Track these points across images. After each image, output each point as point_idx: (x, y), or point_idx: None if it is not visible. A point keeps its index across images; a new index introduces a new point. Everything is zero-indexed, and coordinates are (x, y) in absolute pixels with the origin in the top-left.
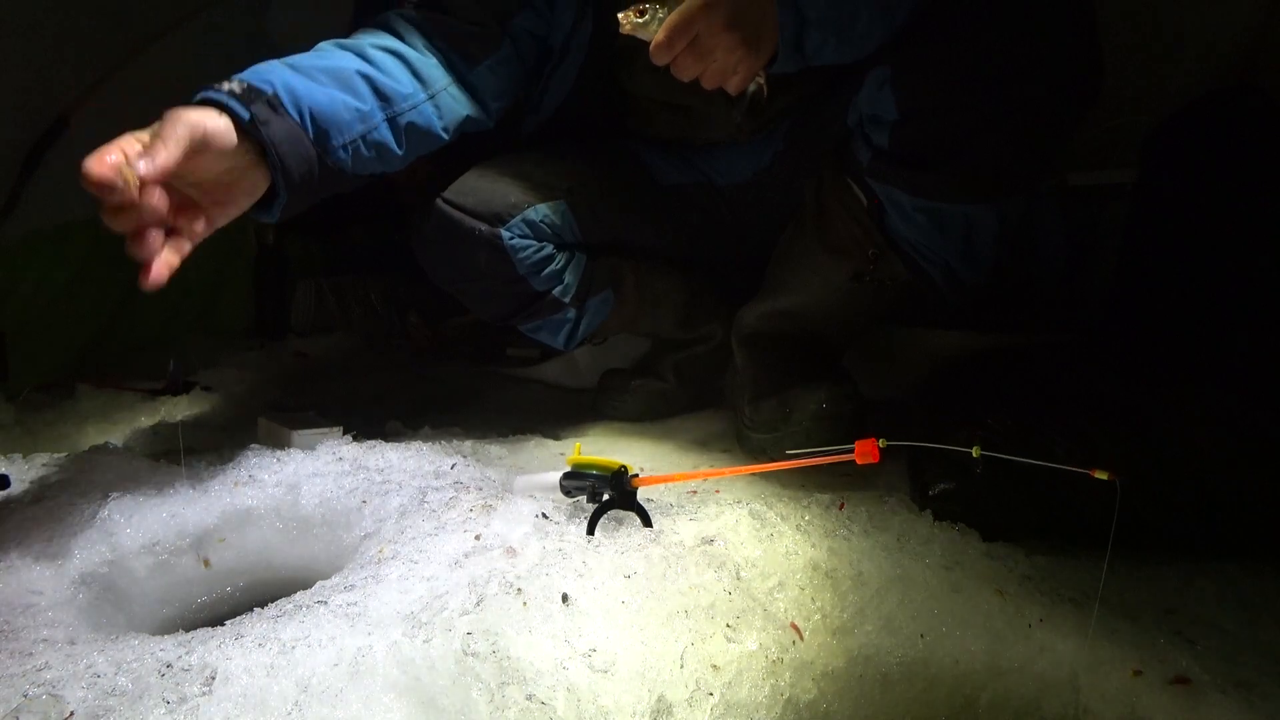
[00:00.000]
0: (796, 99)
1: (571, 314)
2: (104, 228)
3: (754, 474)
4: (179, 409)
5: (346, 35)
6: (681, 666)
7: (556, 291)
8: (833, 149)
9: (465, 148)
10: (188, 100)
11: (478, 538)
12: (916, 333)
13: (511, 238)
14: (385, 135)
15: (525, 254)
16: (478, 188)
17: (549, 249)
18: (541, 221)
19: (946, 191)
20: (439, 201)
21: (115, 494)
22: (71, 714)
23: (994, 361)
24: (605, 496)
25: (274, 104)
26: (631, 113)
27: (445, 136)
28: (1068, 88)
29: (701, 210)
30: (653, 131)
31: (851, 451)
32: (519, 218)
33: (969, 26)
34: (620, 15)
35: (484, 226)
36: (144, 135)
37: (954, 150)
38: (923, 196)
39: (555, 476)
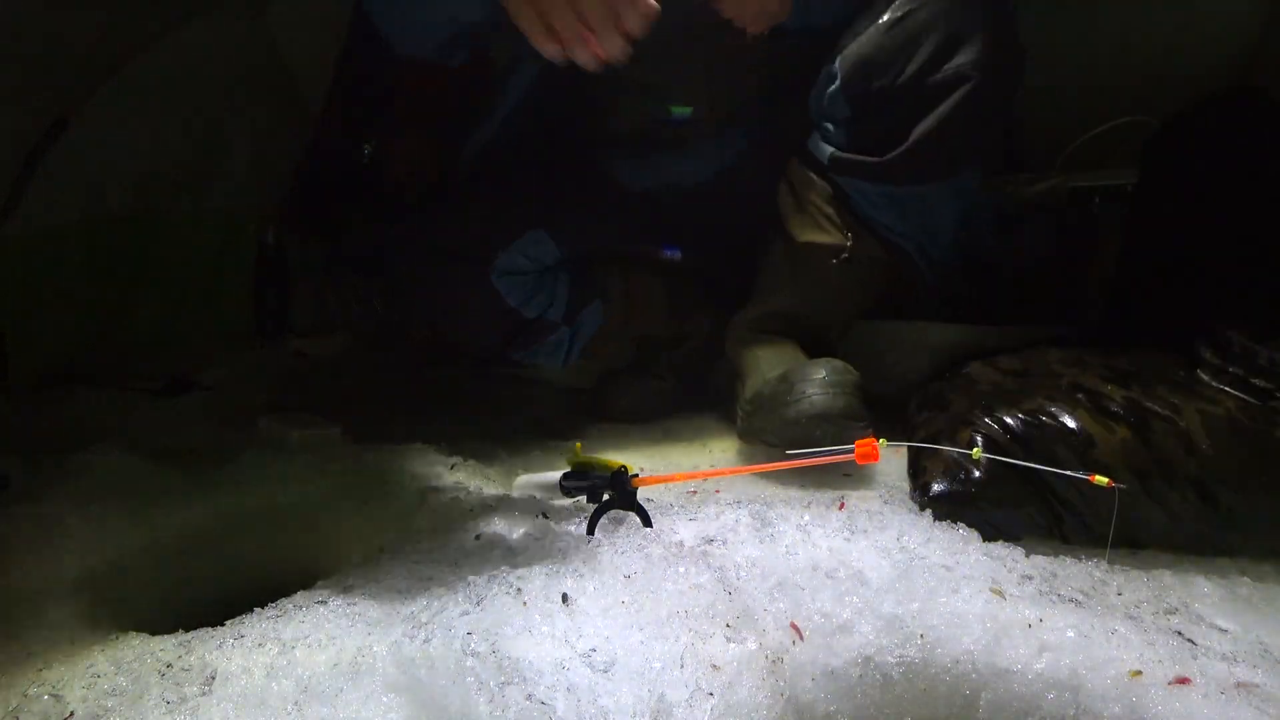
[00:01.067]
0: (755, 94)
1: (566, 332)
2: (104, 227)
3: (754, 474)
4: (179, 409)
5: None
6: (681, 666)
7: (549, 314)
8: (798, 146)
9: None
10: None
11: (478, 538)
12: (914, 327)
13: (499, 276)
14: None
15: (514, 288)
16: (453, 231)
17: (534, 277)
18: (524, 254)
19: (897, 176)
20: (422, 248)
21: (115, 494)
22: (71, 714)
23: (996, 360)
24: (605, 496)
25: None
26: (592, 100)
27: None
28: (991, 81)
29: (671, 213)
30: (615, 123)
31: (851, 451)
32: (502, 255)
33: (905, 32)
34: None
35: (468, 269)
36: None
37: (900, 137)
38: (879, 182)
39: (555, 476)
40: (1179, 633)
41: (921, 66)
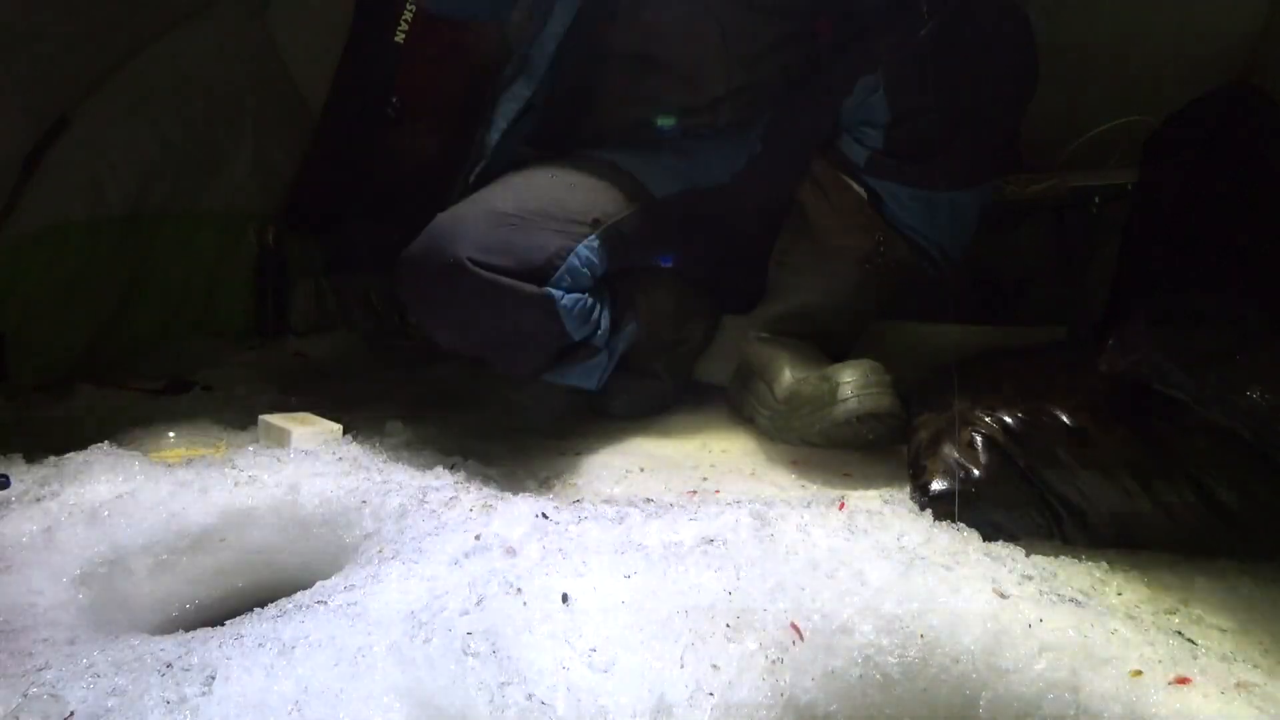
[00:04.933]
0: (773, 90)
1: (605, 355)
2: (104, 227)
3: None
4: (179, 409)
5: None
6: (681, 666)
7: (596, 339)
8: (821, 151)
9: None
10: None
11: (478, 538)
12: (918, 328)
13: (562, 296)
14: None
15: (574, 309)
16: (509, 241)
17: (589, 297)
18: (582, 267)
19: (934, 181)
20: (468, 265)
21: (115, 494)
22: (71, 714)
23: (996, 360)
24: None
25: None
26: (607, 92)
27: None
28: (1016, 96)
29: (689, 216)
30: (630, 115)
31: None
32: (563, 269)
33: (945, 49)
34: None
35: (531, 288)
36: None
37: (936, 147)
38: (915, 186)
39: None
40: (1179, 633)
41: (962, 78)
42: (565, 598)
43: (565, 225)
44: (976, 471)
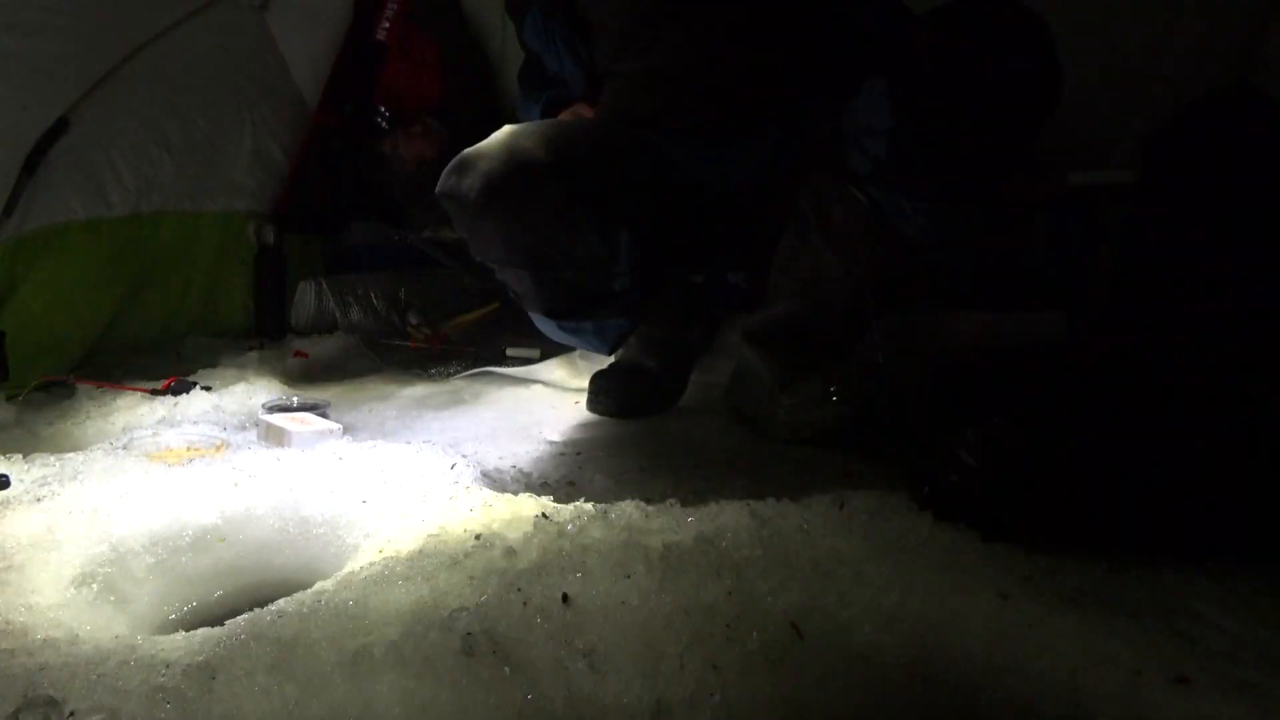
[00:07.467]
0: (778, 104)
1: (626, 322)
2: (105, 227)
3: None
4: (179, 409)
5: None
6: (681, 666)
7: (631, 298)
8: (826, 159)
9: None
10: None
11: (478, 538)
12: (922, 318)
13: (626, 233)
14: None
15: (631, 249)
16: (588, 163)
17: (641, 247)
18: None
19: (939, 193)
20: (553, 172)
21: (115, 494)
22: (71, 714)
23: (998, 359)
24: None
25: None
26: (611, 94)
27: None
28: (1031, 107)
29: (698, 217)
30: (633, 113)
31: None
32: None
33: (954, 56)
34: None
35: (602, 218)
36: None
37: (941, 158)
38: (919, 199)
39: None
40: (1179, 633)
41: (971, 87)
42: (565, 598)
43: (626, 171)
44: (977, 471)
